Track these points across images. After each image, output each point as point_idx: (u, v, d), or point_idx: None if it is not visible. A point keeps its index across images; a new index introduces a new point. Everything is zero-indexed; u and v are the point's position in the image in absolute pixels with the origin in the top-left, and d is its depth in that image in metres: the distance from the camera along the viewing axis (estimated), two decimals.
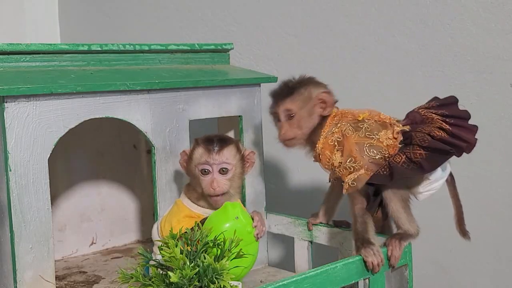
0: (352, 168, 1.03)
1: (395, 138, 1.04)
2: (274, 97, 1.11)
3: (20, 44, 1.05)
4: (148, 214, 1.49)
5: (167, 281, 0.83)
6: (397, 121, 1.07)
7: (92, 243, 1.41)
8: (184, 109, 1.16)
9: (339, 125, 1.07)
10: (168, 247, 0.84)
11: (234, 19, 1.61)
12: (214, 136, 1.09)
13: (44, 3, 2.10)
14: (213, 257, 0.85)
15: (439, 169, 1.05)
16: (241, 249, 0.89)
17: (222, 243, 0.88)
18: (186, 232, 0.89)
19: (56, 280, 1.03)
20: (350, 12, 1.41)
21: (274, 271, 1.25)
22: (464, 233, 1.12)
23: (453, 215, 1.11)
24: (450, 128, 1.01)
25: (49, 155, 0.99)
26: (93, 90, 1.03)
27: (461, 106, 1.06)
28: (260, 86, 1.27)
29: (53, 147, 1.00)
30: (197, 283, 0.82)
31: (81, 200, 1.40)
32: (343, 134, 1.06)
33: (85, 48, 1.12)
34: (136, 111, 1.09)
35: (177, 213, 1.07)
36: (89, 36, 2.01)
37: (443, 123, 1.02)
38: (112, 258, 1.35)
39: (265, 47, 1.56)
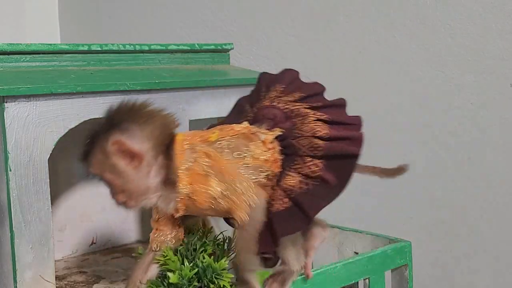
0: (240, 190, 0.76)
1: (270, 149, 0.80)
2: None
3: (20, 44, 1.05)
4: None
5: (167, 282, 0.83)
6: (257, 126, 0.83)
7: (92, 243, 1.41)
8: (184, 109, 1.15)
9: (198, 148, 0.78)
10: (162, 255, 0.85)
11: (234, 19, 1.61)
12: None
13: (44, 3, 2.10)
14: (212, 257, 0.85)
15: None
16: None
17: (221, 243, 0.88)
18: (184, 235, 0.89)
19: (56, 280, 1.02)
20: (350, 12, 1.40)
21: None
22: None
23: None
24: (330, 117, 0.81)
25: (49, 155, 0.99)
26: (93, 90, 1.02)
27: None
28: None
29: (53, 147, 1.00)
30: (197, 284, 0.82)
31: (81, 200, 1.40)
32: (208, 155, 0.77)
33: (85, 48, 1.12)
34: None
35: None
36: (89, 36, 2.01)
37: (316, 112, 0.82)
38: (112, 258, 1.35)
39: (265, 47, 1.56)
